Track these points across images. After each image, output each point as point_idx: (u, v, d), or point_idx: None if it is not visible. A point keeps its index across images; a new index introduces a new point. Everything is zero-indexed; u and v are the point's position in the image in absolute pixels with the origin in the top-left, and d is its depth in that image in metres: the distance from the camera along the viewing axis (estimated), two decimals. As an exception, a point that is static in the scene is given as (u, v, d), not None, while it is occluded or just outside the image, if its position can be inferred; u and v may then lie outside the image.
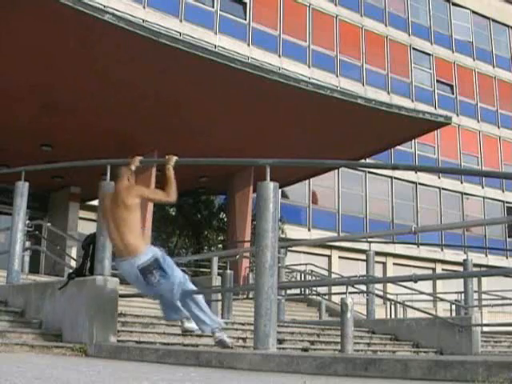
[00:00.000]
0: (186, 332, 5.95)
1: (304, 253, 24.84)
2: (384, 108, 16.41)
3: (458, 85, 33.54)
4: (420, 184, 31.23)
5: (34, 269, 16.76)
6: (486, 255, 31.51)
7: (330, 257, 27.45)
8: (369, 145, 18.41)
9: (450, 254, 29.95)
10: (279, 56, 27.32)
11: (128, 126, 15.47)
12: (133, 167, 5.79)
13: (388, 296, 14.41)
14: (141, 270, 5.31)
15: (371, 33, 30.84)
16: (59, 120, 14.86)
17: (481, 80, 34.40)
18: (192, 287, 5.64)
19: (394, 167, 19.78)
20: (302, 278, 17.27)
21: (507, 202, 33.75)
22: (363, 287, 11.42)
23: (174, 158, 5.80)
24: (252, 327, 5.04)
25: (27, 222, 8.34)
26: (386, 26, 31.48)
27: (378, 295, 12.38)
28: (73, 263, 13.53)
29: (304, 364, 4.10)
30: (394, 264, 28.97)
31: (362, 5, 30.78)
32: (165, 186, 5.62)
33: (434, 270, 29.99)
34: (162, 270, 5.37)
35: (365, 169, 28.13)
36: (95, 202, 13.79)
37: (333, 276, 19.81)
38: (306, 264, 18.24)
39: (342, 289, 10.36)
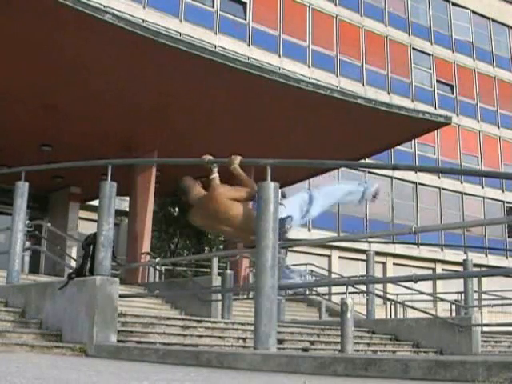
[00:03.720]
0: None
1: (304, 253, 24.85)
2: (384, 108, 16.41)
3: (457, 85, 33.55)
4: (420, 184, 31.25)
5: (34, 269, 16.80)
6: (486, 255, 31.52)
7: (330, 257, 27.46)
8: (369, 145, 18.41)
9: (450, 254, 29.96)
10: (279, 56, 27.33)
11: (128, 126, 15.48)
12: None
13: (388, 296, 14.41)
14: None
15: (371, 33, 30.86)
16: (59, 120, 14.86)
17: (481, 80, 34.40)
18: None
19: (394, 167, 19.75)
20: (302, 278, 17.24)
21: (507, 202, 33.77)
22: (363, 287, 11.41)
23: (239, 158, 5.32)
24: (252, 327, 5.04)
25: (27, 222, 8.34)
26: (385, 26, 31.49)
27: (378, 295, 12.37)
28: (73, 263, 13.54)
29: (304, 364, 4.10)
30: (394, 264, 28.98)
31: (361, 5, 30.79)
32: (241, 183, 5.28)
33: (434, 270, 30.01)
34: None
35: (365, 169, 28.13)
36: (95, 202, 13.79)
37: (333, 276, 19.81)
38: (306, 264, 18.24)
39: (342, 289, 10.36)
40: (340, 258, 27.56)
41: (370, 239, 24.69)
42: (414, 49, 32.42)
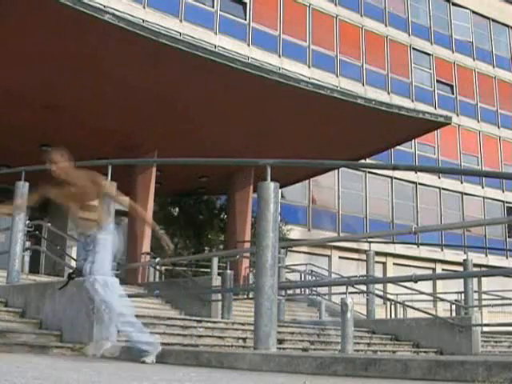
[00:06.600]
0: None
1: (304, 253, 24.83)
2: (384, 108, 16.41)
3: (458, 85, 33.54)
4: (420, 184, 31.23)
5: (34, 269, 16.75)
6: (486, 255, 31.49)
7: (329, 257, 27.44)
8: (369, 145, 18.40)
9: (449, 254, 29.93)
10: (279, 56, 27.31)
11: (128, 126, 15.47)
12: None
13: (388, 296, 14.41)
14: None
15: (371, 33, 30.83)
16: (59, 120, 14.86)
17: (481, 80, 34.39)
18: None
19: (394, 167, 19.74)
20: (302, 278, 17.27)
21: (507, 202, 33.74)
22: (363, 287, 11.42)
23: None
24: (252, 327, 5.04)
25: (27, 222, 8.35)
26: (386, 26, 31.48)
27: (378, 295, 12.39)
28: (73, 263, 13.53)
29: (304, 364, 4.10)
30: (394, 264, 28.96)
31: (361, 5, 30.77)
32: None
33: (434, 270, 29.98)
34: None
35: (365, 169, 28.13)
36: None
37: (333, 276, 19.80)
38: (306, 264, 18.24)
39: (342, 289, 10.36)
40: (340, 258, 27.54)
41: (369, 239, 24.66)
42: (413, 49, 32.40)
